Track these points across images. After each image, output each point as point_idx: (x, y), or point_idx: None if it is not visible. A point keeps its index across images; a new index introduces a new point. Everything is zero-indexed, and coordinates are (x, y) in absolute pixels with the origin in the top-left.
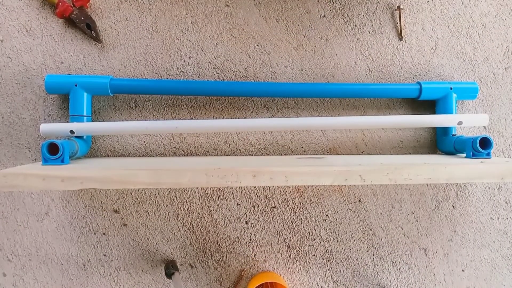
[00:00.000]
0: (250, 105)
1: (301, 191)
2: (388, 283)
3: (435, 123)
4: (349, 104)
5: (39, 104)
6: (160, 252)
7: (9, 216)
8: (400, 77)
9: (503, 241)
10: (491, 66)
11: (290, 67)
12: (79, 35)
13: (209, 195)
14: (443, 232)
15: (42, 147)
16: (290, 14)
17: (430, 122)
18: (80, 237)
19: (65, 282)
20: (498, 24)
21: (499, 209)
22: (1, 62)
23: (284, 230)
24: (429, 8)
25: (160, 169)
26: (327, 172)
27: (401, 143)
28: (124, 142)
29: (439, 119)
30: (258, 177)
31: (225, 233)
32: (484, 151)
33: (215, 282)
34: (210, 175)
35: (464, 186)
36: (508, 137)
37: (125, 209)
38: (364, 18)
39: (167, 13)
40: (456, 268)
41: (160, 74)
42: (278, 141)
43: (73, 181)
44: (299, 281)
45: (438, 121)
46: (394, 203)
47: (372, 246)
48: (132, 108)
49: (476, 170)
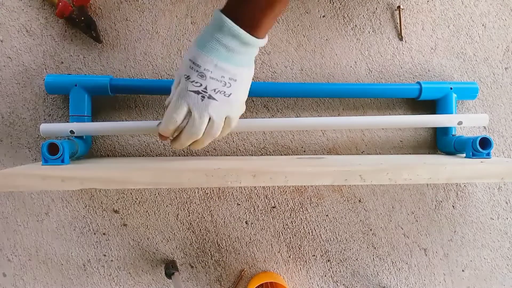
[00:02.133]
0: (250, 105)
1: (301, 191)
2: (388, 283)
3: (435, 123)
4: (349, 104)
5: (39, 104)
6: (160, 252)
7: (9, 216)
8: (400, 77)
9: (503, 241)
10: (491, 66)
11: (290, 67)
12: (79, 35)
13: (209, 195)
14: (443, 232)
15: (42, 147)
16: (290, 14)
17: (430, 122)
18: (80, 237)
19: (65, 282)
20: (498, 24)
21: (499, 209)
22: (1, 62)
23: (284, 230)
24: (429, 8)
25: (160, 169)
26: (327, 172)
27: (401, 143)
28: (124, 142)
29: (439, 119)
30: (258, 177)
31: (225, 233)
32: (484, 151)
33: (215, 282)
34: (210, 175)
35: (464, 186)
36: (508, 137)
37: (125, 209)
38: (364, 18)
39: (167, 13)
40: (456, 268)
41: (160, 74)
42: (278, 141)
43: (73, 181)
44: (299, 281)
45: (438, 121)
46: (394, 203)
47: (372, 246)
48: (132, 108)
49: (476, 170)
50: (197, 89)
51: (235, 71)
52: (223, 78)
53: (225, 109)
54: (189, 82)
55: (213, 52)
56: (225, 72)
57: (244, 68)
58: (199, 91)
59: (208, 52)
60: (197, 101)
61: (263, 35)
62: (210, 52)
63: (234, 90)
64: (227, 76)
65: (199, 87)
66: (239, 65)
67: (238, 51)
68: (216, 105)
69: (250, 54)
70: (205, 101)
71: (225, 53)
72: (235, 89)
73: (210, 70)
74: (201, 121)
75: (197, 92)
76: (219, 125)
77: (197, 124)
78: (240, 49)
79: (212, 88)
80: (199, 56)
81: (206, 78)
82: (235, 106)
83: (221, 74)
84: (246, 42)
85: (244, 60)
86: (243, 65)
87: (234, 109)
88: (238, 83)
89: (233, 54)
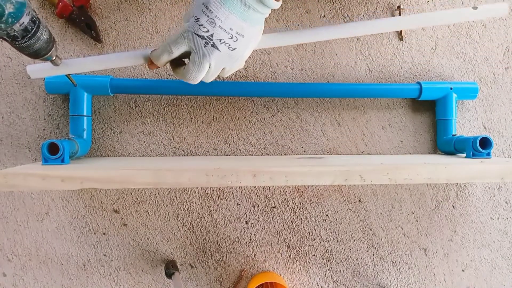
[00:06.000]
0: (250, 105)
1: (301, 191)
2: (388, 283)
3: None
4: (349, 104)
5: (39, 104)
6: (160, 252)
7: (9, 216)
8: (400, 77)
9: (503, 241)
10: (491, 66)
11: (290, 67)
12: (79, 35)
13: (209, 195)
14: (443, 232)
15: (42, 147)
16: (290, 14)
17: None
18: (80, 237)
19: (65, 282)
20: (498, 24)
21: (499, 209)
22: (1, 62)
23: (284, 230)
24: (429, 8)
25: (160, 169)
26: (327, 172)
27: (401, 143)
28: (124, 142)
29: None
30: (258, 177)
31: (225, 233)
32: (484, 151)
33: (215, 282)
34: (210, 175)
35: (464, 186)
36: (508, 137)
37: (125, 209)
38: (364, 18)
39: (167, 13)
40: (456, 268)
41: (160, 74)
42: (278, 141)
43: (73, 181)
44: (299, 281)
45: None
46: (394, 203)
47: (372, 246)
48: (132, 108)
49: (476, 170)
50: (203, 34)
51: (245, 26)
52: (232, 31)
53: (225, 61)
54: (197, 24)
55: (228, 2)
56: (235, 25)
57: (255, 26)
58: (204, 37)
59: (223, 1)
60: (200, 46)
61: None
62: (225, 1)
63: (239, 45)
64: (236, 30)
65: (206, 33)
66: (250, 21)
67: (252, 7)
68: (218, 55)
69: (263, 13)
70: (208, 48)
71: (239, 7)
72: (240, 44)
73: (221, 19)
74: (200, 68)
75: (202, 37)
76: (214, 74)
77: (195, 69)
78: (255, 6)
79: (218, 37)
80: (213, 2)
81: (215, 25)
82: (236, 60)
83: (230, 26)
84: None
85: (256, 18)
86: (253, 23)
87: (233, 63)
88: (245, 39)
89: (247, 9)
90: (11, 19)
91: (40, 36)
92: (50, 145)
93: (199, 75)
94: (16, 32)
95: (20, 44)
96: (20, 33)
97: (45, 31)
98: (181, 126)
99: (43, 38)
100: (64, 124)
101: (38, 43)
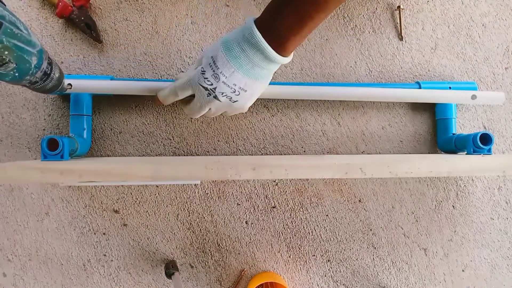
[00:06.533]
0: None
1: (301, 191)
2: (388, 283)
3: (447, 98)
4: (349, 104)
5: (39, 104)
6: (160, 252)
7: (9, 216)
8: (400, 77)
9: (503, 241)
10: (491, 66)
11: (290, 67)
12: (79, 35)
13: (209, 195)
14: (443, 232)
15: (42, 143)
16: None
17: (442, 98)
18: (80, 237)
19: (65, 282)
20: (498, 24)
21: (499, 209)
22: None
23: (284, 230)
24: (429, 8)
25: (159, 162)
26: (328, 165)
27: (401, 143)
28: (124, 142)
29: (452, 95)
30: (258, 170)
31: (225, 233)
32: (485, 147)
33: (215, 282)
34: (210, 168)
35: (464, 186)
36: (508, 137)
37: (125, 209)
38: (364, 18)
39: (167, 13)
40: (456, 268)
41: (160, 74)
42: (278, 141)
43: (72, 173)
44: (299, 281)
45: (451, 96)
46: (394, 203)
47: (372, 246)
48: (132, 108)
49: (477, 162)
50: (207, 86)
51: (250, 83)
52: (235, 86)
53: (225, 108)
54: (202, 77)
55: (235, 60)
56: (240, 82)
57: (260, 81)
58: (208, 88)
59: (230, 58)
60: (203, 95)
61: (288, 54)
62: (232, 59)
63: (240, 98)
64: (239, 86)
65: (209, 85)
66: (255, 78)
67: (260, 65)
68: (219, 104)
69: (271, 69)
70: (210, 98)
71: (246, 65)
72: (242, 98)
73: (226, 76)
74: (200, 110)
75: (206, 89)
76: (215, 114)
77: (196, 110)
78: (262, 63)
79: (221, 91)
80: (221, 58)
81: (219, 81)
82: (237, 109)
83: (234, 82)
84: (271, 58)
85: (263, 74)
86: (259, 79)
87: (234, 111)
88: (247, 94)
89: (253, 67)
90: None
91: (53, 76)
92: (49, 141)
93: (199, 114)
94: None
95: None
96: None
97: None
98: (181, 126)
99: (55, 76)
100: (64, 124)
101: (51, 82)
